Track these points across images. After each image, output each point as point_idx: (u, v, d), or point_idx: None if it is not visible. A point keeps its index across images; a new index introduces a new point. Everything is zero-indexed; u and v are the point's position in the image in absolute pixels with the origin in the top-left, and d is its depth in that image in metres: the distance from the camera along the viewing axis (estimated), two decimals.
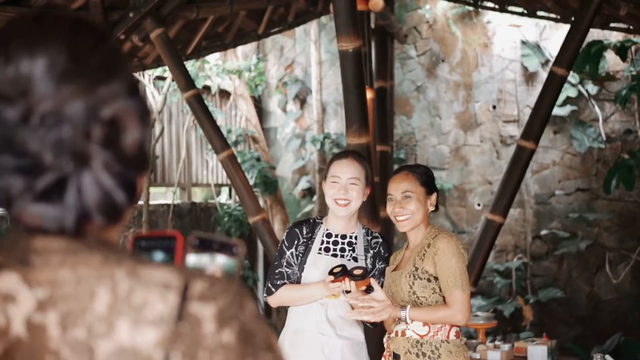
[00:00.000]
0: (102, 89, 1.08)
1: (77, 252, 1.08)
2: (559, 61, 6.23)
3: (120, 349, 1.04)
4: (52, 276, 1.07)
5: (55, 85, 1.06)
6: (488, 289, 9.01)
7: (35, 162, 1.06)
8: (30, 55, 1.07)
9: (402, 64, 9.64)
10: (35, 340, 1.05)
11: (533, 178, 8.91)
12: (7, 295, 1.06)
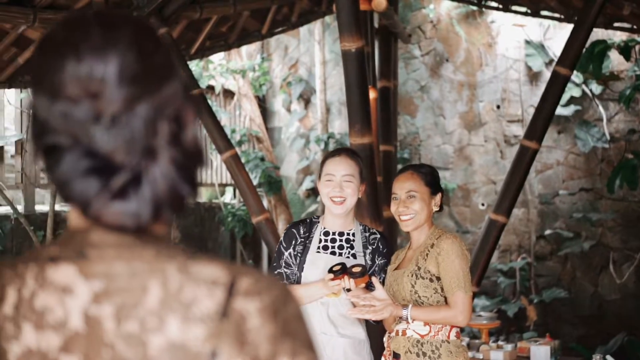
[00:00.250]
0: (165, 87, 1.12)
1: (131, 246, 1.12)
2: (562, 61, 6.22)
3: (171, 345, 1.07)
4: (107, 269, 1.10)
5: (125, 86, 1.09)
6: (492, 289, 9.00)
7: (109, 162, 1.09)
8: (103, 58, 1.09)
9: (406, 64, 9.64)
10: (92, 332, 1.09)
11: (537, 178, 8.90)
12: (65, 287, 1.10)
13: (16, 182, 7.88)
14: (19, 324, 1.11)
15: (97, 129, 1.09)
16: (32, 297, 1.11)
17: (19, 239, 7.52)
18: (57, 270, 1.12)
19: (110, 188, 1.09)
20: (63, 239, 1.15)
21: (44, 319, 1.10)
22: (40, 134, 1.13)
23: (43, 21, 6.25)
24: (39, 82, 1.13)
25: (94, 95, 1.09)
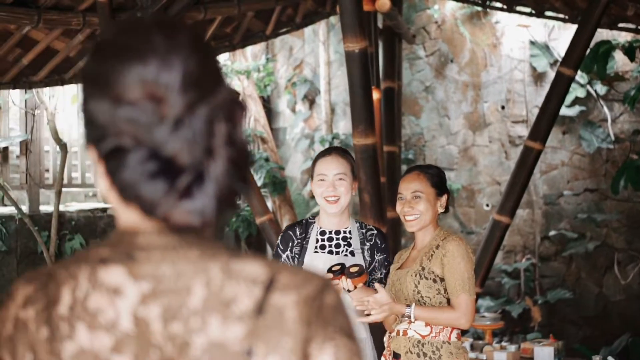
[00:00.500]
0: (219, 90, 1.17)
1: (177, 247, 1.15)
2: (566, 61, 6.21)
3: (212, 344, 1.11)
4: (154, 271, 1.14)
5: (187, 90, 1.13)
6: (496, 290, 8.99)
7: (173, 163, 1.13)
8: (168, 64, 1.13)
9: (411, 64, 9.64)
10: (141, 334, 1.12)
11: (542, 178, 8.89)
12: (116, 289, 1.14)
13: (21, 183, 7.90)
14: (73, 324, 1.14)
15: (161, 132, 1.13)
16: (86, 298, 1.15)
17: (23, 239, 7.54)
18: (108, 271, 1.15)
19: (177, 188, 1.13)
20: (112, 240, 1.19)
21: (97, 320, 1.14)
22: (101, 138, 1.16)
23: (47, 22, 6.27)
24: (99, 87, 1.16)
25: (159, 99, 1.13)
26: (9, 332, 1.18)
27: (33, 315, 1.17)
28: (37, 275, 1.21)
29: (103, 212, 8.24)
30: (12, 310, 1.19)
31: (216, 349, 1.11)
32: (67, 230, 7.85)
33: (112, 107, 1.14)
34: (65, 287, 1.16)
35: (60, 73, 6.97)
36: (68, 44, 6.70)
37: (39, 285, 1.18)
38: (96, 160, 1.19)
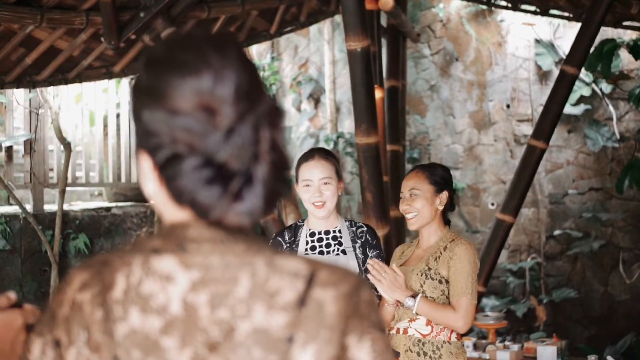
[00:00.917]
0: (263, 100, 1.27)
1: (225, 241, 1.27)
2: (569, 60, 6.20)
3: (256, 330, 1.22)
4: (203, 261, 1.25)
5: (238, 101, 1.24)
6: (501, 289, 8.97)
7: (226, 169, 1.23)
8: (221, 77, 1.24)
9: (416, 63, 9.62)
10: (189, 317, 1.23)
11: (547, 177, 8.87)
12: (167, 276, 1.25)
13: (25, 182, 7.91)
14: (127, 307, 1.24)
15: (214, 140, 1.23)
16: (139, 284, 1.25)
17: (27, 238, 7.55)
18: (160, 260, 1.26)
19: (230, 192, 1.24)
20: (163, 233, 1.30)
21: (148, 304, 1.24)
22: (157, 147, 1.27)
23: (50, 21, 6.28)
24: (154, 99, 1.27)
25: (213, 110, 1.24)
26: (66, 313, 1.28)
27: (89, 298, 1.27)
28: (93, 263, 1.32)
29: (107, 211, 8.24)
30: (68, 294, 1.29)
31: (259, 335, 1.22)
32: (71, 229, 7.85)
33: (168, 118, 1.25)
34: (119, 274, 1.27)
35: (63, 72, 6.97)
36: (71, 43, 6.71)
37: (94, 271, 1.29)
38: (150, 167, 1.29)
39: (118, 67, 7.20)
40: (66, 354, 1.27)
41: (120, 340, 1.24)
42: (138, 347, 1.24)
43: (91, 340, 1.26)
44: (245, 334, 1.22)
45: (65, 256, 7.79)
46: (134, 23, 6.62)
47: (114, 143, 8.57)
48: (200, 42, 1.28)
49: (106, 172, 8.58)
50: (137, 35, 6.81)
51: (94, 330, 1.25)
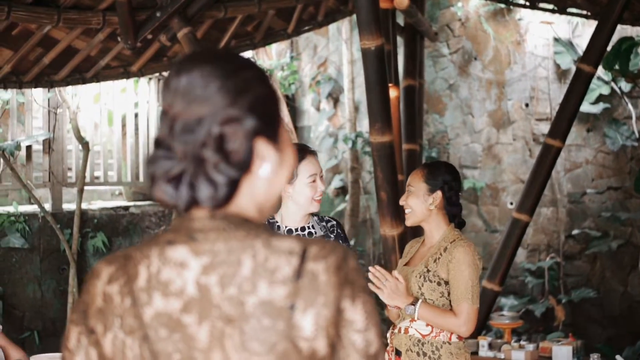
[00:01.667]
0: (224, 108, 1.45)
1: (227, 229, 1.45)
2: (586, 58, 6.16)
3: (262, 302, 1.40)
4: (211, 248, 1.43)
5: (185, 107, 1.46)
6: (520, 289, 8.93)
7: (169, 154, 1.45)
8: (175, 87, 1.48)
9: (435, 62, 9.60)
10: (203, 297, 1.41)
11: (566, 177, 8.82)
12: (181, 263, 1.43)
13: (44, 181, 7.96)
14: (150, 293, 1.43)
15: (164, 132, 1.51)
16: (158, 272, 1.44)
17: (46, 237, 7.60)
18: (174, 250, 1.44)
19: (168, 175, 1.48)
20: (174, 226, 1.48)
21: (168, 288, 1.43)
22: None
23: (67, 21, 6.32)
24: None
25: (166, 110, 1.51)
26: (99, 305, 1.47)
27: (117, 289, 1.45)
28: (116, 257, 1.49)
29: (125, 210, 8.29)
30: (99, 287, 1.47)
31: (266, 306, 1.40)
32: (90, 228, 7.90)
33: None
34: (141, 266, 1.45)
35: (81, 72, 7.01)
36: (89, 43, 6.75)
37: (118, 265, 1.46)
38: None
39: (135, 67, 7.24)
40: (103, 339, 1.45)
41: (149, 322, 1.43)
42: (164, 326, 1.42)
43: (124, 325, 1.44)
44: (254, 307, 1.40)
45: (84, 255, 7.84)
46: (150, 23, 6.64)
47: (132, 142, 8.61)
48: (189, 57, 1.51)
49: (124, 171, 8.63)
50: (154, 34, 6.84)
51: (126, 316, 1.44)
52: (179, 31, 6.69)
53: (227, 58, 1.51)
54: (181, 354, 1.42)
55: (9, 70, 6.58)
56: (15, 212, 7.43)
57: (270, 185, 1.52)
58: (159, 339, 1.43)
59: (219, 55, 1.52)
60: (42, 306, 7.55)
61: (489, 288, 6.65)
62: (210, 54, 1.52)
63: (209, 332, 1.42)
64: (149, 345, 1.43)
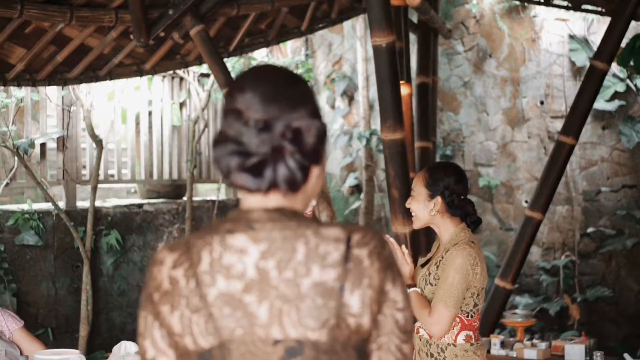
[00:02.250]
0: (295, 112, 1.67)
1: (281, 220, 1.64)
2: (599, 55, 6.12)
3: (315, 284, 1.60)
4: (267, 236, 1.62)
5: (264, 108, 1.66)
6: (535, 287, 8.89)
7: (245, 150, 1.64)
8: (251, 94, 1.67)
9: (449, 60, 9.56)
10: (262, 279, 1.60)
11: (581, 175, 8.76)
12: (241, 249, 1.62)
13: (58, 179, 7.99)
14: (214, 276, 1.61)
15: (238, 130, 1.68)
16: (220, 258, 1.62)
17: (60, 235, 7.63)
18: (234, 238, 1.63)
19: (248, 167, 1.68)
20: (233, 218, 1.67)
21: (230, 272, 1.61)
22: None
23: (80, 19, 6.34)
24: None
25: (240, 112, 1.71)
26: (166, 288, 1.64)
27: (182, 273, 1.63)
28: (177, 245, 1.67)
29: (139, 207, 8.31)
30: (164, 272, 1.65)
31: (318, 287, 1.60)
32: (103, 225, 7.93)
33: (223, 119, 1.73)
34: (204, 252, 1.63)
35: (94, 70, 7.04)
36: (102, 41, 6.77)
37: (181, 252, 1.64)
38: None
39: (148, 65, 7.25)
40: (170, 318, 1.63)
41: (212, 302, 1.61)
42: (227, 304, 1.61)
43: (190, 304, 1.61)
44: (308, 287, 1.60)
45: (97, 252, 7.87)
46: (162, 20, 6.65)
47: (146, 140, 8.63)
48: (258, 70, 1.73)
49: (138, 169, 8.64)
50: (166, 32, 6.85)
51: (191, 296, 1.61)
52: (192, 29, 6.70)
53: (287, 72, 1.74)
54: (243, 329, 1.61)
55: (22, 68, 6.61)
56: (29, 210, 7.46)
57: (319, 182, 1.73)
58: (223, 316, 1.61)
59: (281, 69, 1.74)
60: (56, 303, 7.58)
61: (502, 286, 6.62)
62: (275, 68, 1.74)
63: (268, 310, 1.61)
64: (213, 322, 1.61)
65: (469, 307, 3.79)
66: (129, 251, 8.09)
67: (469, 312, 3.79)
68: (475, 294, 3.79)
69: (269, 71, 1.73)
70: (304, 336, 1.61)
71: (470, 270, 3.72)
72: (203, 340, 1.61)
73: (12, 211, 7.44)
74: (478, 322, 3.84)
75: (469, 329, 3.80)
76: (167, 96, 8.80)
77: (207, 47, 6.74)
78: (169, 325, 1.64)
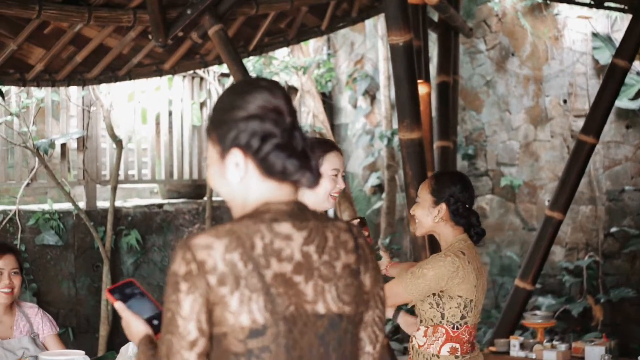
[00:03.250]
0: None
1: (312, 213, 1.92)
2: (620, 53, 6.05)
3: (344, 265, 1.90)
4: (306, 225, 1.88)
5: (290, 112, 1.95)
6: (558, 288, 8.80)
7: (294, 149, 1.90)
8: (281, 98, 1.95)
9: (472, 59, 9.49)
10: (307, 261, 1.85)
11: (604, 174, 8.66)
12: (287, 236, 1.85)
13: (78, 179, 8.02)
14: (268, 259, 1.81)
15: (284, 130, 1.94)
16: (271, 243, 1.83)
17: (80, 235, 7.66)
18: (280, 226, 1.85)
19: (302, 164, 1.92)
20: (269, 210, 1.87)
21: (281, 255, 1.83)
22: (251, 138, 1.93)
23: (98, 19, 6.34)
24: (244, 109, 1.96)
25: (281, 112, 1.95)
26: (223, 270, 1.79)
27: (238, 257, 1.79)
28: (221, 232, 1.82)
29: (159, 207, 8.31)
30: (216, 256, 1.79)
31: (347, 268, 1.90)
32: (124, 225, 7.94)
33: (258, 118, 1.92)
34: (256, 237, 1.82)
35: (113, 70, 7.04)
36: (120, 41, 6.77)
37: (230, 238, 1.81)
38: (241, 159, 1.91)
39: (168, 65, 7.25)
40: (230, 297, 1.78)
41: (269, 281, 1.80)
42: (281, 284, 1.82)
43: (248, 284, 1.78)
44: (341, 269, 1.89)
45: (117, 252, 7.89)
46: (181, 20, 6.64)
47: (166, 140, 8.64)
48: (256, 80, 1.98)
49: (158, 169, 8.65)
50: (185, 32, 6.84)
51: (249, 277, 1.79)
52: (210, 28, 6.68)
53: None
54: (295, 306, 1.83)
55: (41, 68, 6.62)
56: (50, 210, 7.48)
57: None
58: (278, 294, 1.81)
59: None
60: (77, 303, 7.61)
61: (521, 287, 6.56)
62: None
63: (313, 288, 1.85)
64: (271, 300, 1.80)
65: (455, 318, 3.72)
66: (149, 251, 8.10)
67: (455, 324, 3.73)
68: (462, 305, 3.71)
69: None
70: (341, 310, 1.88)
71: (447, 275, 3.66)
72: (260, 316, 1.79)
73: (33, 211, 7.47)
74: (469, 336, 3.75)
75: (455, 340, 3.73)
76: (188, 96, 8.80)
77: (225, 47, 6.72)
78: (227, 304, 1.78)
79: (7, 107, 7.46)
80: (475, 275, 3.70)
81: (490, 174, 9.38)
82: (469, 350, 3.77)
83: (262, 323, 1.79)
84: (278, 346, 1.80)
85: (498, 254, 9.19)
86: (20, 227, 7.33)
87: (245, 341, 1.79)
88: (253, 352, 1.80)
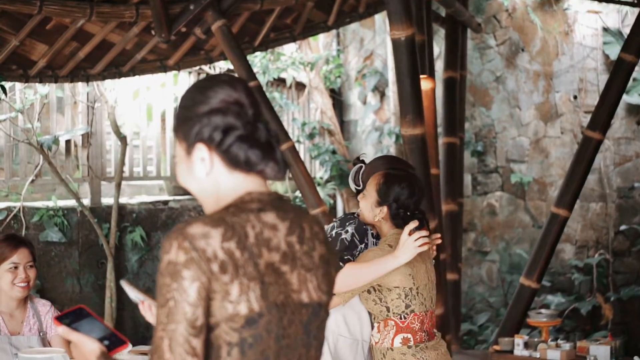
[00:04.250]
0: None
1: (289, 205, 1.96)
2: (627, 47, 5.95)
3: (320, 256, 1.96)
4: (287, 215, 1.92)
5: (252, 105, 1.98)
6: (568, 286, 8.70)
7: (257, 140, 1.92)
8: (241, 91, 1.97)
9: (481, 54, 9.40)
10: (290, 251, 1.90)
11: (615, 171, 8.56)
12: (273, 225, 1.89)
13: (82, 176, 7.99)
14: (260, 248, 1.84)
15: (247, 121, 1.95)
16: (261, 232, 1.85)
17: (84, 231, 7.62)
18: (266, 215, 1.88)
19: (266, 154, 1.93)
20: (254, 199, 1.89)
21: (269, 244, 1.86)
22: (214, 132, 1.94)
23: (100, 15, 6.30)
24: (206, 104, 1.97)
25: (242, 105, 1.97)
26: (223, 258, 1.79)
27: (234, 245, 1.81)
28: (214, 221, 1.81)
29: (164, 204, 8.27)
30: (214, 245, 1.79)
31: (322, 258, 1.96)
32: (128, 222, 7.90)
33: (220, 111, 1.94)
34: (247, 227, 1.84)
35: (117, 66, 7.00)
36: (124, 37, 6.73)
37: (225, 227, 1.81)
38: (206, 153, 1.91)
39: (172, 61, 7.20)
40: (231, 285, 1.79)
41: (263, 270, 1.83)
42: (272, 273, 1.85)
43: (246, 273, 1.80)
44: (318, 259, 1.95)
45: (122, 249, 7.85)
46: (184, 16, 6.59)
47: (171, 137, 8.60)
48: (221, 76, 2.01)
49: (164, 165, 8.61)
50: (188, 28, 6.79)
51: (246, 266, 1.81)
52: (213, 24, 6.63)
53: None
54: (284, 295, 1.87)
55: (44, 64, 6.59)
56: (54, 207, 7.46)
57: None
58: (270, 283, 1.84)
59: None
60: (81, 300, 7.57)
61: (527, 285, 6.47)
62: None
63: (297, 278, 1.90)
64: (265, 288, 1.83)
65: (399, 309, 3.68)
66: (154, 248, 8.05)
67: (401, 314, 3.68)
68: (403, 295, 3.67)
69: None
70: (320, 299, 1.95)
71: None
72: (256, 305, 1.81)
73: (37, 208, 7.44)
74: (420, 324, 3.69)
75: (405, 331, 3.68)
76: None
77: (228, 43, 6.66)
78: (228, 292, 1.79)
79: (12, 104, 7.43)
80: (406, 265, 3.63)
81: (499, 171, 9.29)
82: (424, 339, 3.71)
83: (257, 312, 1.81)
84: (269, 334, 1.84)
85: (507, 252, 9.10)
86: (25, 224, 7.30)
87: (240, 330, 1.80)
88: (246, 341, 1.81)
